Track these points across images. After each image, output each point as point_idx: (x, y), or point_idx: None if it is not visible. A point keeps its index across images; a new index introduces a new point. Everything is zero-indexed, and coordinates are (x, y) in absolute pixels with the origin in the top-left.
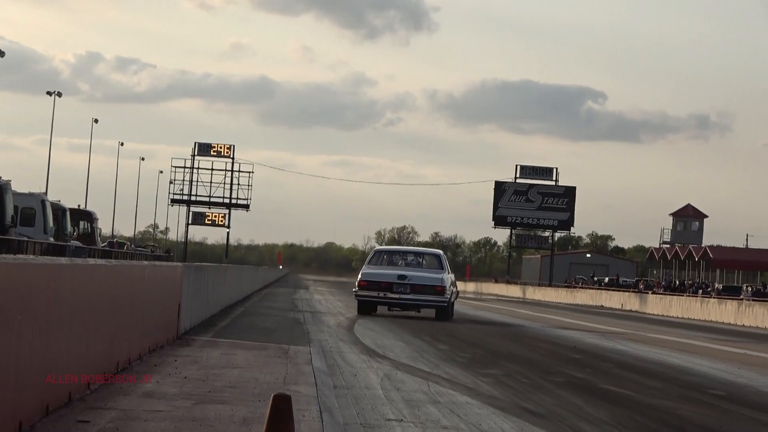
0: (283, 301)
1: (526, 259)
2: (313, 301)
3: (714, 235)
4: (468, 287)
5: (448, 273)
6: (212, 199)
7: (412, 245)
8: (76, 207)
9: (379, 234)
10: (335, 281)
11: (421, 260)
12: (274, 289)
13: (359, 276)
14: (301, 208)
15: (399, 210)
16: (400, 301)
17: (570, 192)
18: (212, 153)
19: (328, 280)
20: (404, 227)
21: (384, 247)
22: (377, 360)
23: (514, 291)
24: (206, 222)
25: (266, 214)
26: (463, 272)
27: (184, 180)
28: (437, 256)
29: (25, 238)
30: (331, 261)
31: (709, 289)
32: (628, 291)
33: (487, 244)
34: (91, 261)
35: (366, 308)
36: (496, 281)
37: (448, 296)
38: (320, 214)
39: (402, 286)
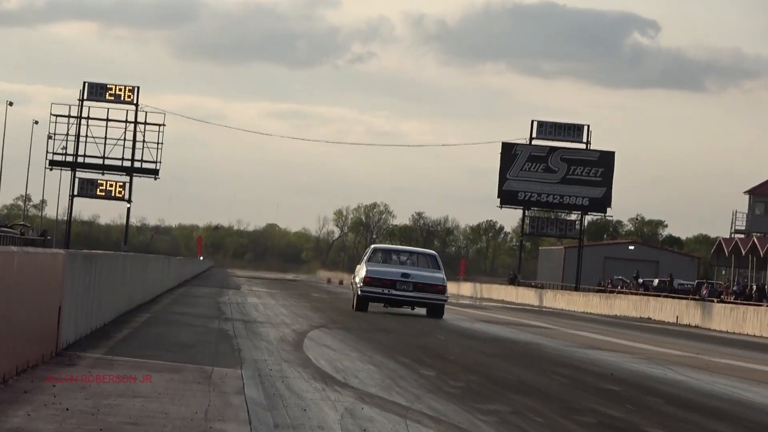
0: (205, 306)
1: (544, 251)
2: (247, 305)
3: None
4: (462, 289)
5: (444, 272)
6: (107, 162)
7: (384, 231)
8: None
9: (339, 214)
10: (278, 279)
11: (417, 260)
12: (193, 288)
13: (363, 273)
14: (231, 177)
15: (368, 181)
16: (403, 298)
17: (606, 159)
18: (108, 97)
19: (267, 278)
20: (375, 205)
21: (381, 245)
22: (336, 389)
23: (526, 296)
24: (98, 193)
25: (182, 184)
26: (455, 268)
27: (68, 135)
28: (433, 256)
29: None
30: (272, 250)
31: None
32: (686, 298)
33: (490, 230)
34: None
35: (365, 305)
36: (514, 282)
37: (447, 295)
38: (258, 185)
39: (405, 284)
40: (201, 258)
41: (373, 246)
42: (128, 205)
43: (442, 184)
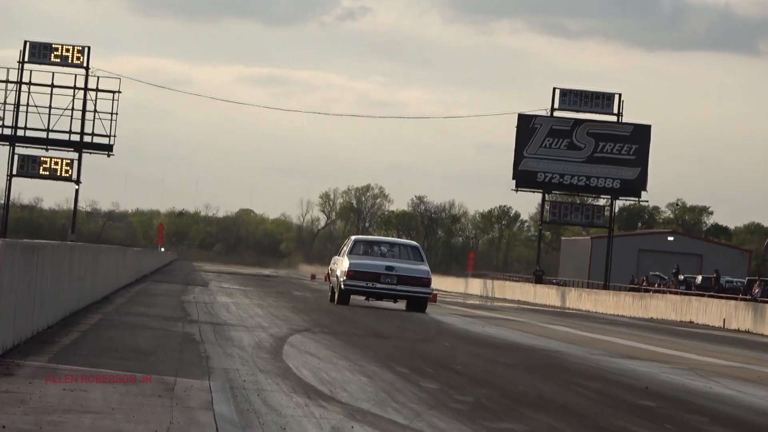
0: (167, 306)
1: (568, 242)
2: (217, 306)
3: None
4: (471, 287)
5: (428, 265)
6: (52, 136)
7: (379, 218)
8: None
9: (325, 198)
10: (253, 274)
11: (399, 251)
12: (153, 284)
13: (346, 266)
14: (198, 154)
15: (360, 159)
16: (388, 292)
17: (641, 134)
18: (53, 59)
19: (240, 273)
20: (368, 188)
21: (362, 236)
22: (321, 404)
23: (546, 295)
24: (41, 173)
25: (141, 162)
26: (462, 263)
27: (5, 103)
28: (415, 247)
29: None
30: (246, 241)
31: None
32: (735, 298)
33: (503, 217)
34: None
35: (347, 298)
36: (541, 280)
37: (432, 288)
38: (230, 163)
39: (389, 277)
40: (162, 249)
41: (353, 237)
42: (76, 187)
43: (448, 163)
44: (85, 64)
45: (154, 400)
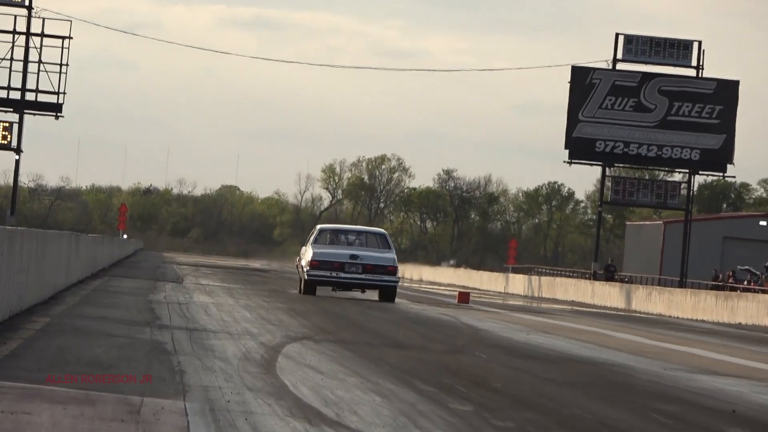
0: (131, 307)
1: (634, 228)
2: (194, 307)
3: None
4: (513, 284)
5: (395, 252)
6: None
7: (397, 197)
8: None
9: (330, 172)
10: (238, 268)
11: (366, 240)
12: (113, 280)
13: (309, 255)
14: (169, 116)
15: (373, 123)
16: (353, 281)
17: (727, 92)
18: None
19: (222, 266)
20: (383, 159)
21: (328, 225)
22: (324, 431)
23: (607, 294)
24: None
25: (97, 127)
26: (501, 253)
27: None
28: (382, 235)
29: None
30: (230, 226)
31: None
32: None
33: (553, 196)
34: None
35: (313, 289)
36: (613, 277)
37: (399, 276)
38: (210, 128)
39: (354, 266)
40: (124, 236)
41: (318, 226)
42: (17, 157)
43: (483, 128)
44: (27, 3)
45: (114, 426)
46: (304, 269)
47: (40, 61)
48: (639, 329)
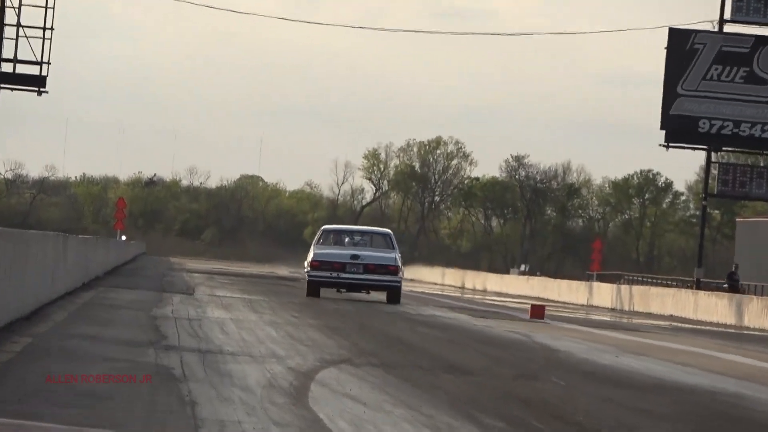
0: (132, 324)
1: (746, 226)
2: (207, 323)
3: None
4: (599, 294)
5: (399, 252)
6: None
7: (456, 189)
8: None
9: (373, 159)
10: (262, 276)
11: (370, 240)
12: (109, 292)
13: (310, 256)
14: (177, 91)
15: (426, 99)
16: (354, 281)
17: None
18: None
19: (242, 273)
20: (438, 143)
21: (332, 226)
22: None
23: (713, 307)
24: None
25: (89, 104)
26: (584, 257)
27: None
28: (387, 235)
29: None
30: (251, 224)
31: None
32: None
33: (646, 187)
34: None
35: (316, 290)
36: (737, 288)
37: (402, 276)
38: (227, 105)
39: (355, 266)
40: (123, 238)
41: (323, 227)
42: None
43: (560, 104)
44: None
45: None
46: (306, 270)
47: (18, 24)
48: (752, 350)
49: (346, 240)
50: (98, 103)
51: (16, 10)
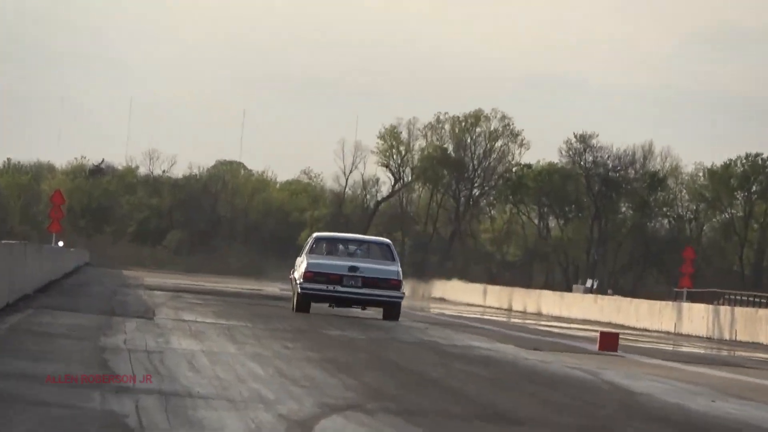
0: (72, 357)
1: None
2: (171, 356)
3: None
4: (689, 320)
5: (400, 265)
6: None
7: (503, 179)
8: None
9: (391, 138)
10: (242, 293)
11: (368, 250)
12: (42, 315)
13: (303, 267)
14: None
15: (460, 60)
16: (351, 296)
17: None
18: None
19: (218, 290)
20: (478, 116)
21: (325, 234)
22: None
23: None
24: None
25: (14, 71)
26: (671, 268)
27: None
28: (386, 245)
29: None
30: (231, 225)
31: None
32: None
33: (754, 176)
34: None
35: (307, 305)
36: None
37: (403, 292)
38: (199, 73)
39: (353, 279)
40: (60, 243)
41: (315, 234)
42: None
43: (638, 67)
44: None
45: None
46: (297, 282)
47: None
48: None
49: (341, 250)
50: (28, 69)
51: None
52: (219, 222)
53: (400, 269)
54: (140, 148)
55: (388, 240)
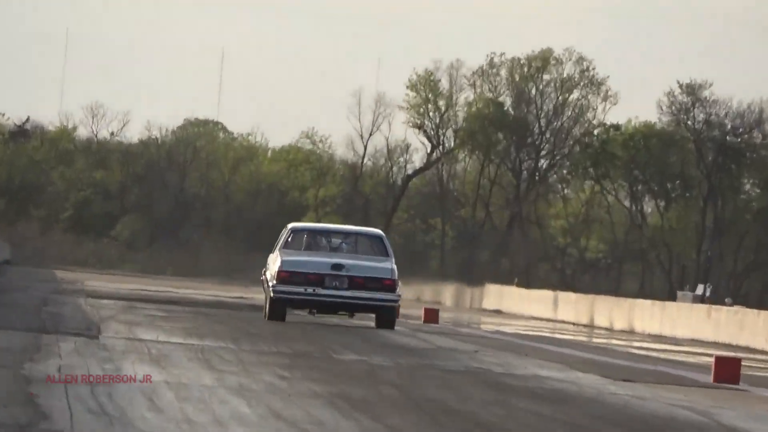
0: None
1: None
2: (123, 394)
3: None
4: None
5: (394, 262)
6: None
7: (577, 145)
8: None
9: (426, 86)
10: (221, 302)
11: (354, 243)
12: None
13: (277, 265)
14: None
15: None
16: (335, 300)
17: None
18: None
19: (188, 297)
20: (546, 58)
21: (302, 224)
22: None
23: None
24: None
25: None
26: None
27: None
28: (378, 238)
29: None
30: (205, 209)
31: None
32: None
33: None
34: None
35: (281, 311)
36: None
37: (399, 294)
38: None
39: (338, 279)
40: None
41: (290, 225)
42: None
43: None
44: None
45: None
46: (270, 284)
47: None
48: None
49: (323, 243)
50: None
51: None
52: (189, 205)
53: (394, 266)
54: (79, 102)
55: (379, 231)
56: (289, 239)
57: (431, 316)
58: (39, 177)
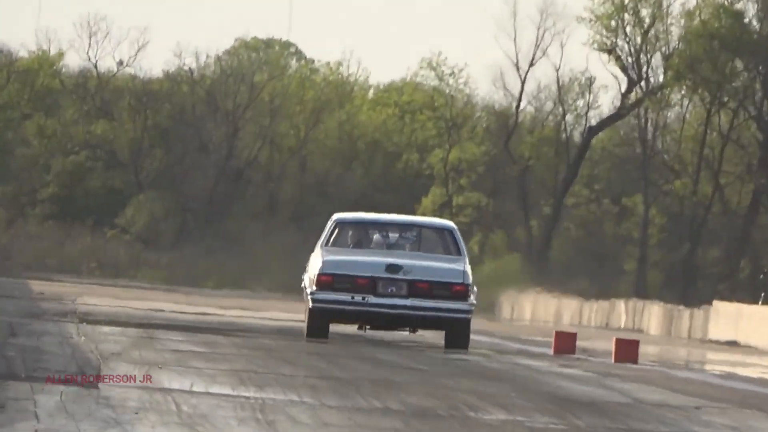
0: None
1: None
2: None
3: None
4: None
5: (468, 261)
6: None
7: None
8: None
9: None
10: (287, 330)
11: (416, 238)
12: None
13: (316, 266)
14: None
15: None
16: (391, 311)
17: None
18: None
19: (234, 322)
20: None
21: (349, 214)
22: None
23: None
24: None
25: None
26: None
27: None
28: (447, 230)
29: None
30: (274, 186)
31: None
32: None
33: None
34: None
35: (322, 326)
36: None
37: (473, 302)
38: None
39: (394, 284)
40: None
41: (335, 216)
42: None
43: None
44: None
45: None
46: (308, 290)
47: None
48: None
49: (376, 239)
50: None
51: None
52: (242, 177)
53: (467, 268)
54: (68, 16)
55: (449, 222)
56: (333, 234)
57: (626, 350)
58: (3, 132)
